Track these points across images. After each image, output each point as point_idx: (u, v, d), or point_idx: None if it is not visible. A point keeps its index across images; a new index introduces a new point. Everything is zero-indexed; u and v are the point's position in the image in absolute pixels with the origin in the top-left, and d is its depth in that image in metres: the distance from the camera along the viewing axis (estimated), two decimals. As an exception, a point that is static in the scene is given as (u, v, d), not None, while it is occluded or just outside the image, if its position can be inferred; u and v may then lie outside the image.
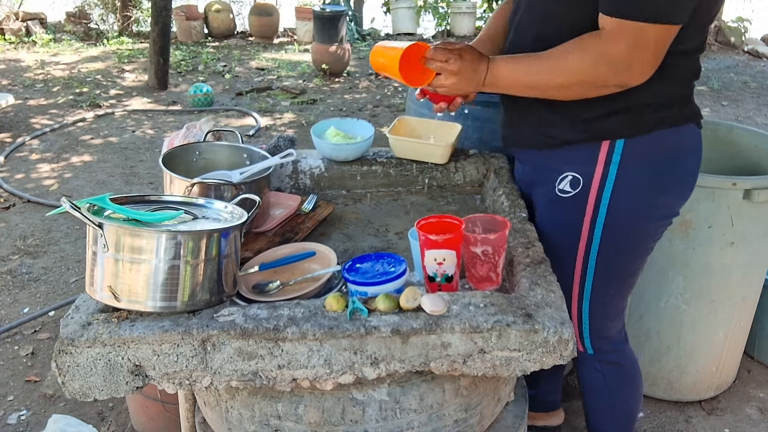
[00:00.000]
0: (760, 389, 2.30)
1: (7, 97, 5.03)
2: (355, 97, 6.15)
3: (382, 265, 1.27)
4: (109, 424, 2.17)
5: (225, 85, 6.56)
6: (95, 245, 1.11)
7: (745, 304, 2.09)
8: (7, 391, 2.34)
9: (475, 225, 1.32)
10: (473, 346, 1.12)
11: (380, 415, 1.21)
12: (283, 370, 1.12)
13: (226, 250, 1.17)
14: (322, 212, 1.67)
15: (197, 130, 2.03)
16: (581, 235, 1.40)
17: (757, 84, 6.56)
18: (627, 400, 1.66)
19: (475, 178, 1.84)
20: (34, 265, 3.19)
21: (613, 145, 1.32)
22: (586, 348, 1.57)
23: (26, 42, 8.34)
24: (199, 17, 8.80)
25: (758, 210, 1.88)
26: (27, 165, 4.47)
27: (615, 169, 1.33)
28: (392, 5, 9.20)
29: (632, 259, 1.45)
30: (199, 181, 1.41)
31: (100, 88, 6.41)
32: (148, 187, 4.13)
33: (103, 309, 1.16)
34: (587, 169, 1.35)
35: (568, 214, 1.40)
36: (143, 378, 1.13)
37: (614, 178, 1.33)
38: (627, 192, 1.34)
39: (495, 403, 1.37)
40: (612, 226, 1.38)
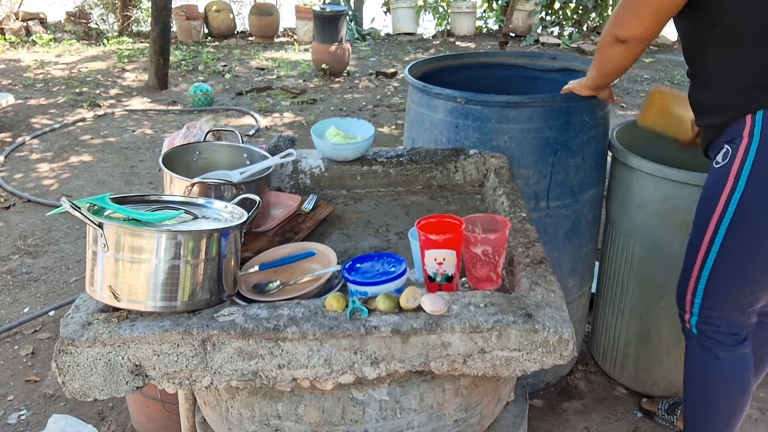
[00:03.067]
0: (760, 389, 2.30)
1: (7, 97, 5.03)
2: (355, 97, 6.15)
3: (382, 265, 1.27)
4: (109, 423, 2.17)
5: (225, 84, 6.56)
6: (95, 245, 1.11)
7: (745, 304, 2.09)
8: (7, 391, 2.34)
9: (475, 225, 1.32)
10: (473, 345, 1.12)
11: (380, 414, 1.21)
12: (283, 369, 1.12)
13: (226, 250, 1.17)
14: (322, 212, 1.67)
15: (197, 129, 2.03)
16: (717, 205, 1.45)
17: (757, 84, 6.55)
18: (720, 400, 1.63)
19: (475, 178, 1.84)
20: (34, 265, 3.19)
21: (754, 118, 1.38)
22: (692, 325, 1.58)
23: (26, 42, 8.34)
24: (199, 17, 8.80)
25: (758, 210, 1.88)
26: (27, 165, 4.48)
27: (757, 140, 1.38)
28: (392, 5, 9.20)
29: (759, 246, 1.45)
30: (199, 181, 1.41)
31: (100, 87, 6.42)
32: (148, 186, 4.13)
33: (103, 309, 1.16)
34: (737, 141, 1.42)
35: (714, 183, 1.47)
36: (143, 378, 1.13)
37: (756, 149, 1.38)
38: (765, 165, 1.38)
39: (495, 403, 1.37)
40: (749, 199, 1.41)
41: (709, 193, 1.49)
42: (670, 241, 1.95)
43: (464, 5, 8.97)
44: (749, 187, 1.40)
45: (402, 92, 6.22)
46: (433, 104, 2.05)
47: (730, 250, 1.46)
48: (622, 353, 2.24)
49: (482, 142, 1.97)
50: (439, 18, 9.38)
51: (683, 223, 1.90)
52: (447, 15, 9.26)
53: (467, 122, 1.97)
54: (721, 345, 1.58)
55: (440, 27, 9.35)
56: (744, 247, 1.46)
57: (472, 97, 1.94)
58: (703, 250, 1.49)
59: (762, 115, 1.38)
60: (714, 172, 1.49)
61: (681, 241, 1.93)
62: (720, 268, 1.49)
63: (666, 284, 2.02)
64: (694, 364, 1.65)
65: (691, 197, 1.84)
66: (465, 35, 9.02)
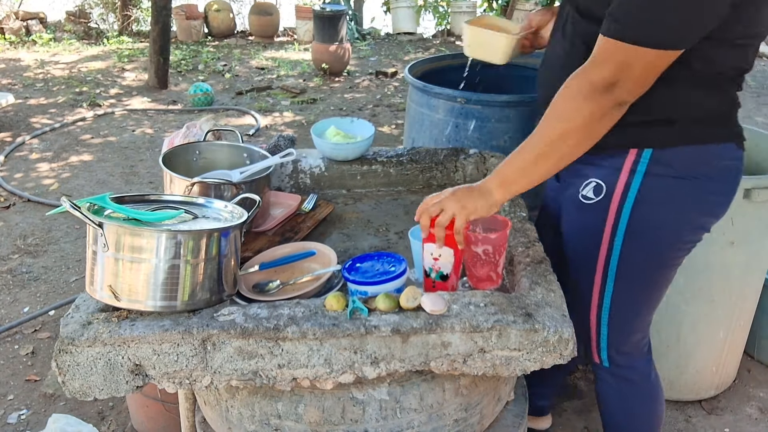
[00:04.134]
0: (760, 389, 2.30)
1: (7, 97, 5.03)
2: (355, 97, 6.15)
3: (382, 265, 1.27)
4: (109, 423, 2.17)
5: (225, 84, 6.56)
6: (95, 244, 1.11)
7: (745, 304, 2.09)
8: (7, 391, 2.34)
9: (476, 225, 1.32)
10: (473, 345, 1.12)
11: (380, 414, 1.21)
12: (283, 369, 1.12)
13: (226, 250, 1.17)
14: (322, 212, 1.67)
15: (197, 129, 2.03)
16: (602, 244, 1.37)
17: (757, 83, 6.56)
18: (641, 418, 1.60)
19: (476, 178, 1.84)
20: (34, 265, 3.19)
21: (639, 155, 1.29)
22: (602, 360, 1.53)
23: (26, 41, 8.33)
24: (199, 16, 8.80)
25: (758, 209, 1.88)
26: (27, 164, 4.47)
27: (639, 179, 1.30)
28: (392, 5, 9.20)
29: (653, 272, 1.41)
30: (199, 181, 1.41)
31: (100, 87, 6.41)
32: (148, 186, 4.13)
33: (103, 308, 1.16)
34: (611, 176, 1.33)
35: (589, 221, 1.38)
36: (143, 377, 1.13)
37: (637, 189, 1.30)
38: (649, 204, 1.31)
39: (495, 402, 1.37)
40: (633, 237, 1.34)
41: (588, 232, 1.38)
42: (670, 240, 1.94)
43: (464, 5, 8.96)
44: (633, 223, 1.33)
45: (402, 92, 6.22)
46: (433, 104, 2.06)
47: (625, 287, 1.41)
48: (622, 353, 2.24)
49: (482, 141, 1.97)
50: (439, 18, 9.37)
51: (683, 223, 1.90)
52: (447, 15, 9.26)
53: (467, 122, 1.98)
54: (634, 369, 1.55)
55: (440, 27, 9.35)
56: (638, 280, 1.40)
57: (472, 96, 1.94)
58: (597, 294, 1.43)
59: (650, 154, 1.28)
60: (586, 209, 1.37)
61: (681, 241, 1.93)
62: (620, 305, 1.43)
63: (666, 284, 2.02)
64: (610, 396, 1.59)
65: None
66: (465, 35, 9.01)
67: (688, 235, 1.38)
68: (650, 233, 1.34)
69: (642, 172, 1.29)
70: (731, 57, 1.21)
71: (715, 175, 1.32)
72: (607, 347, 1.50)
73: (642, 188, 1.30)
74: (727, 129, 1.31)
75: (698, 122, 1.26)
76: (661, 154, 1.28)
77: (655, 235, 1.34)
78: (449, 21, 9.22)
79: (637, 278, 1.40)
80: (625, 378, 1.55)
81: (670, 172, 1.29)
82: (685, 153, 1.28)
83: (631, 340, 1.50)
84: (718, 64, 1.21)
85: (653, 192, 1.30)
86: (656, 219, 1.32)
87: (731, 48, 1.19)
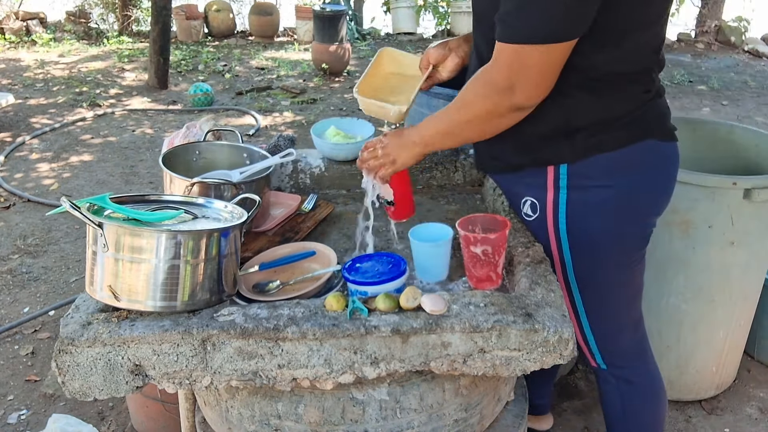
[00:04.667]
0: (760, 389, 2.31)
1: (7, 97, 5.03)
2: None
3: (382, 265, 1.27)
4: (109, 423, 2.17)
5: (225, 84, 6.56)
6: (95, 245, 1.11)
7: (745, 304, 2.09)
8: (7, 391, 2.34)
9: (475, 225, 1.32)
10: (473, 345, 1.12)
11: (380, 414, 1.21)
12: (283, 369, 1.12)
13: (226, 250, 1.17)
14: (322, 212, 1.67)
15: (197, 129, 2.03)
16: (553, 256, 1.38)
17: (757, 83, 6.56)
18: (644, 419, 1.60)
19: (475, 178, 1.84)
20: (34, 265, 3.19)
21: (557, 171, 1.29)
22: (599, 363, 1.53)
23: (26, 41, 8.33)
24: (199, 17, 8.79)
25: (758, 209, 1.88)
26: (27, 164, 4.47)
27: (564, 193, 1.30)
28: (392, 5, 9.19)
29: (611, 275, 1.40)
30: (199, 181, 1.41)
31: (100, 87, 6.41)
32: (148, 186, 4.13)
33: (103, 308, 1.16)
34: (540, 194, 1.34)
35: (538, 237, 1.39)
36: (143, 377, 1.13)
37: (566, 203, 1.31)
38: (582, 216, 1.31)
39: (495, 402, 1.37)
40: (577, 249, 1.35)
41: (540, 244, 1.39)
42: (669, 240, 1.95)
43: (464, 5, 8.95)
44: (572, 237, 1.34)
45: (402, 92, 6.21)
46: (432, 104, 2.05)
47: (590, 292, 1.41)
48: (622, 353, 2.24)
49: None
50: (439, 18, 9.37)
51: (683, 223, 1.91)
52: (447, 15, 9.26)
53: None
54: (633, 369, 1.55)
55: (440, 27, 9.34)
56: (600, 286, 1.40)
57: (472, 96, 1.93)
58: (569, 304, 1.43)
59: (567, 169, 1.28)
60: (532, 226, 1.40)
61: (681, 241, 1.94)
62: (594, 311, 1.44)
63: (666, 283, 2.02)
64: (612, 397, 1.59)
65: (690, 197, 1.85)
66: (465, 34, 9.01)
67: (632, 235, 1.37)
68: (592, 243, 1.34)
69: (564, 186, 1.30)
70: (617, 58, 1.19)
71: (640, 174, 1.30)
72: (599, 351, 1.51)
73: (569, 203, 1.31)
74: (641, 128, 1.27)
75: (604, 129, 1.25)
76: (577, 168, 1.28)
77: (597, 243, 1.34)
78: (449, 21, 9.22)
79: (598, 284, 1.40)
80: (625, 379, 1.55)
81: (593, 183, 1.28)
82: (600, 161, 1.27)
83: (621, 339, 1.51)
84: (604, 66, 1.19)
85: (581, 204, 1.30)
86: (592, 229, 1.32)
87: (615, 48, 1.18)
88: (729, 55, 7.83)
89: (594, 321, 1.45)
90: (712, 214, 1.88)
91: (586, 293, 1.41)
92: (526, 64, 1.12)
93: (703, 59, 7.61)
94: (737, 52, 8.01)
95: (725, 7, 8.56)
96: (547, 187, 1.32)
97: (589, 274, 1.38)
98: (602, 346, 1.50)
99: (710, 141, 2.22)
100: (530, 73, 1.13)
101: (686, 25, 9.14)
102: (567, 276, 1.40)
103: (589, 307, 1.43)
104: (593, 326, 1.46)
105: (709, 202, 1.86)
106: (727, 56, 7.79)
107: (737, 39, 8.16)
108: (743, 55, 7.87)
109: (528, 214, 1.40)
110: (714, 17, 8.38)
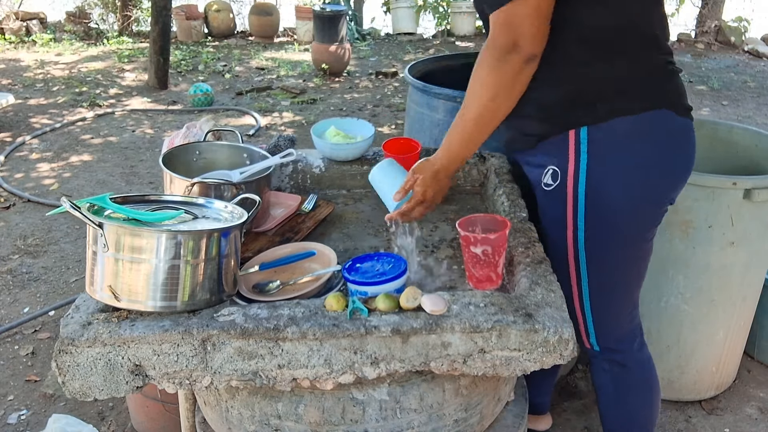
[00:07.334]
0: (760, 389, 2.31)
1: (7, 97, 5.03)
2: (355, 97, 6.15)
3: (382, 265, 1.27)
4: (109, 423, 2.17)
5: (225, 84, 6.56)
6: (95, 245, 1.11)
7: (745, 304, 2.09)
8: (7, 391, 2.34)
9: (475, 225, 1.32)
10: (473, 345, 1.12)
11: (380, 414, 1.21)
12: (283, 369, 1.12)
13: (226, 250, 1.17)
14: (322, 212, 1.67)
15: (197, 129, 2.03)
16: (567, 227, 1.41)
17: (757, 84, 6.56)
18: (637, 406, 1.62)
19: (475, 178, 1.84)
20: (34, 265, 3.19)
21: (578, 134, 1.34)
22: (592, 345, 1.55)
23: (26, 42, 8.34)
24: (199, 17, 8.80)
25: (758, 209, 1.88)
26: (27, 164, 4.47)
27: (585, 157, 1.34)
28: (392, 5, 9.19)
29: (620, 250, 1.43)
30: (199, 181, 1.41)
31: (100, 87, 6.41)
32: (148, 186, 4.13)
33: (103, 309, 1.16)
34: (562, 160, 1.38)
35: (553, 207, 1.42)
36: (143, 378, 1.13)
37: (586, 167, 1.35)
38: (601, 179, 1.35)
39: (495, 402, 1.37)
40: (592, 218, 1.38)
41: (555, 219, 1.43)
42: (669, 240, 1.95)
43: (464, 5, 8.96)
44: (589, 203, 1.37)
45: (402, 92, 6.22)
46: (433, 104, 2.06)
47: (598, 267, 1.43)
48: (622, 353, 2.24)
49: (482, 141, 1.96)
50: (439, 18, 9.37)
51: (683, 223, 1.91)
52: (447, 15, 9.26)
53: (467, 122, 1.97)
54: (626, 354, 1.56)
55: (440, 27, 9.34)
56: (608, 261, 1.43)
57: (472, 96, 1.94)
58: (574, 280, 1.45)
59: (587, 134, 1.33)
60: (548, 195, 1.43)
61: (680, 241, 1.94)
62: (597, 288, 1.46)
63: (666, 283, 2.02)
64: (605, 384, 1.61)
65: (690, 197, 1.85)
66: (465, 35, 9.01)
67: (648, 208, 1.40)
68: (608, 211, 1.37)
69: (585, 152, 1.34)
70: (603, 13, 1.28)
71: (658, 145, 1.35)
72: (594, 332, 1.52)
73: (589, 168, 1.34)
74: (657, 96, 1.34)
75: (619, 93, 1.32)
76: (596, 133, 1.33)
77: (614, 212, 1.37)
78: (449, 21, 9.22)
79: (606, 259, 1.42)
80: (618, 363, 1.57)
81: (612, 150, 1.33)
82: (618, 127, 1.32)
83: (618, 322, 1.53)
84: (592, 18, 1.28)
85: (601, 171, 1.34)
86: (610, 196, 1.36)
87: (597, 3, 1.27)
88: (729, 56, 7.83)
89: (595, 299, 1.47)
90: (712, 214, 1.88)
91: (592, 268, 1.43)
92: (519, 18, 1.22)
93: (703, 59, 7.61)
94: (737, 52, 8.01)
95: (725, 7, 8.56)
96: (568, 153, 1.36)
97: (600, 246, 1.41)
98: (599, 327, 1.52)
99: (710, 141, 2.22)
100: (525, 24, 1.22)
101: (686, 25, 9.14)
102: (577, 248, 1.41)
103: (593, 283, 1.45)
104: (594, 305, 1.48)
105: (709, 202, 1.86)
106: (727, 56, 7.79)
107: (737, 39, 8.16)
108: (743, 56, 7.87)
109: (548, 183, 1.42)
110: (714, 17, 8.38)
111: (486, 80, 1.28)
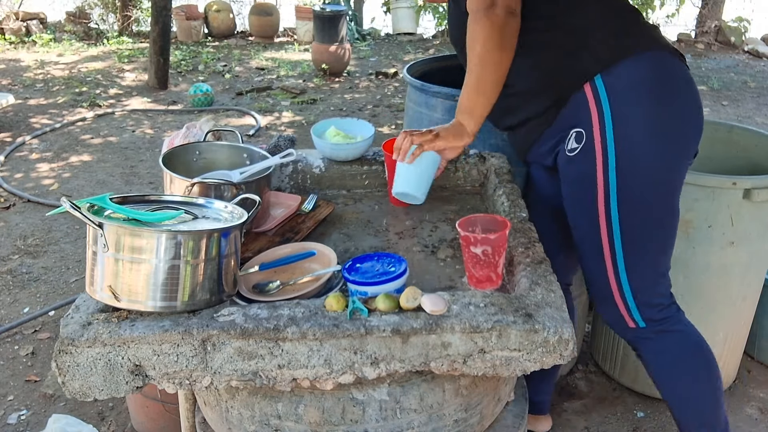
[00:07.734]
0: (760, 389, 2.31)
1: (7, 97, 5.03)
2: (355, 97, 6.15)
3: (382, 265, 1.27)
4: (109, 423, 2.17)
5: (225, 84, 6.56)
6: (95, 245, 1.11)
7: (745, 304, 2.09)
8: (7, 391, 2.34)
9: (475, 225, 1.32)
10: (473, 345, 1.12)
11: (380, 414, 1.21)
12: (283, 369, 1.12)
13: (226, 250, 1.17)
14: (322, 212, 1.67)
15: (197, 129, 2.03)
16: (597, 188, 1.40)
17: (757, 84, 6.56)
18: (694, 368, 1.57)
19: (475, 178, 1.84)
20: (34, 265, 3.19)
21: (594, 86, 1.37)
22: (637, 322, 1.51)
23: (26, 42, 8.34)
24: (199, 17, 8.80)
25: (758, 209, 1.88)
26: (27, 165, 4.47)
27: (607, 107, 1.36)
28: (392, 5, 9.20)
29: (656, 203, 1.41)
30: (199, 181, 1.41)
31: (99, 87, 6.41)
32: (148, 186, 4.13)
33: (103, 309, 1.16)
34: (585, 118, 1.39)
35: (581, 170, 1.42)
36: (143, 378, 1.13)
37: (611, 117, 1.36)
38: (627, 125, 1.36)
39: (495, 402, 1.37)
40: (623, 169, 1.37)
41: (583, 184, 1.42)
42: (670, 241, 1.94)
43: (464, 5, 8.95)
44: (619, 154, 1.36)
45: (402, 92, 6.22)
46: (431, 103, 2.05)
47: (631, 229, 1.41)
48: (622, 353, 2.24)
49: (480, 140, 1.97)
50: (439, 18, 9.35)
51: (683, 223, 1.90)
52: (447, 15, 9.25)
53: (467, 122, 1.97)
54: (670, 321, 1.54)
55: (440, 27, 9.33)
56: (641, 218, 1.41)
57: (472, 97, 1.93)
58: (608, 251, 1.43)
59: (602, 82, 1.36)
60: (575, 161, 1.42)
61: (680, 241, 1.93)
62: (632, 253, 1.43)
63: (666, 284, 2.02)
64: (657, 354, 1.56)
65: (690, 196, 1.85)
66: (465, 35, 9.01)
67: (675, 152, 1.41)
68: (638, 160, 1.38)
69: (605, 99, 1.36)
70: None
71: (669, 89, 1.38)
72: (636, 306, 1.50)
73: (614, 116, 1.36)
74: (652, 39, 1.41)
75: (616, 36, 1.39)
76: (610, 77, 1.36)
77: (643, 159, 1.38)
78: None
79: (640, 213, 1.42)
80: (665, 330, 1.54)
81: (630, 94, 1.36)
82: (627, 70, 1.36)
83: (656, 288, 1.51)
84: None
85: (624, 117, 1.36)
86: (639, 143, 1.37)
87: None
88: (729, 56, 7.83)
89: (631, 264, 1.45)
90: (712, 214, 1.88)
91: (626, 228, 1.42)
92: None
93: (703, 59, 7.61)
94: (737, 52, 8.01)
95: (725, 7, 8.56)
96: (590, 108, 1.38)
97: (633, 200, 1.40)
98: (640, 300, 1.50)
99: (710, 141, 2.22)
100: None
101: (686, 25, 9.14)
102: (609, 208, 1.40)
103: (627, 247, 1.43)
104: (630, 272, 1.46)
105: (709, 202, 1.86)
106: (727, 56, 7.79)
107: (737, 39, 8.16)
108: (743, 56, 7.87)
109: (572, 148, 1.43)
110: (714, 17, 8.38)
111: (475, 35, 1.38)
